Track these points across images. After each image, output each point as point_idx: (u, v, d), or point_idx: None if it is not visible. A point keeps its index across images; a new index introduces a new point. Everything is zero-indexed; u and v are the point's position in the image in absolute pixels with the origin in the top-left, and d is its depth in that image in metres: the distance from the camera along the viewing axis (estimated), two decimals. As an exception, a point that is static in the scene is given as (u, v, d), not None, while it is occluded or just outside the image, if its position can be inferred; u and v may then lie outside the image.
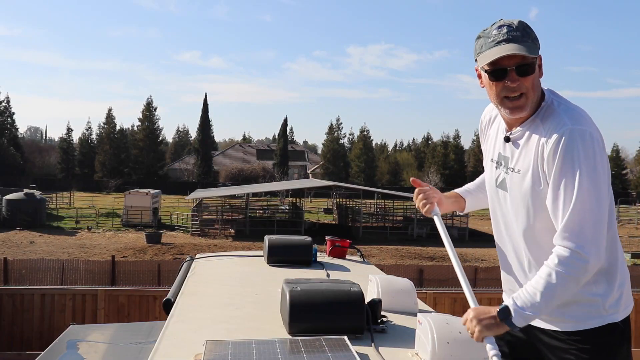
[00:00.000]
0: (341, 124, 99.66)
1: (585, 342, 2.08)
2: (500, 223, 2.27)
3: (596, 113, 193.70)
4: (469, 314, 2.01)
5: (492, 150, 2.28)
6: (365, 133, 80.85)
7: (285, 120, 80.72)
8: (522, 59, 1.99)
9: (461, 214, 2.81)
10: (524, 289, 1.97)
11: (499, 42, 2.00)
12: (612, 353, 2.09)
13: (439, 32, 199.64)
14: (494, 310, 1.97)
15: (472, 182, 2.64)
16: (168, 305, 3.01)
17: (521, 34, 2.00)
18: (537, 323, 2.19)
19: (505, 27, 2.01)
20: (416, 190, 2.48)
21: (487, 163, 2.32)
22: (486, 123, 2.35)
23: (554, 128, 1.97)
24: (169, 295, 3.17)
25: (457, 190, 2.59)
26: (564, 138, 1.94)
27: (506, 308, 1.96)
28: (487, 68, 2.05)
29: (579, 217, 1.91)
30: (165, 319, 2.71)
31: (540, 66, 2.06)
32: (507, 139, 2.15)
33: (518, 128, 2.11)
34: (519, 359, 2.35)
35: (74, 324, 4.97)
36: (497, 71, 2.02)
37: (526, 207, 2.09)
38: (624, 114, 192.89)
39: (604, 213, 1.94)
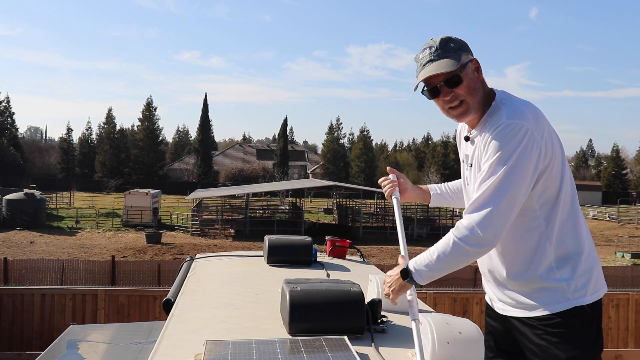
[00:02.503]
0: (341, 124, 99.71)
1: (553, 326, 2.21)
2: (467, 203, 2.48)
3: (596, 113, 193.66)
4: (385, 279, 2.31)
5: (462, 151, 2.48)
6: (365, 133, 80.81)
7: (285, 120, 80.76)
8: (448, 74, 2.22)
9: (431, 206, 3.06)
10: (429, 250, 2.21)
11: (424, 65, 2.25)
12: (580, 335, 2.20)
13: (439, 32, 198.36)
14: (397, 271, 2.23)
15: (449, 183, 2.85)
16: (168, 305, 3.01)
17: (442, 50, 2.23)
18: (511, 312, 2.32)
19: (427, 49, 2.26)
20: (381, 178, 2.78)
21: (462, 163, 2.51)
22: (459, 131, 2.55)
23: (494, 123, 2.18)
24: (169, 295, 3.18)
25: (429, 186, 2.87)
26: (498, 129, 2.14)
27: (406, 270, 2.21)
28: (424, 89, 2.30)
29: (487, 199, 2.11)
30: (165, 319, 2.71)
31: (477, 69, 2.27)
32: (466, 138, 2.38)
33: (475, 129, 2.32)
34: (503, 350, 2.45)
35: (74, 324, 4.96)
36: (431, 90, 2.27)
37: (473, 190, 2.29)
38: (624, 114, 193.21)
39: (513, 201, 2.12)
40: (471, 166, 2.33)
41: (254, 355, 2.02)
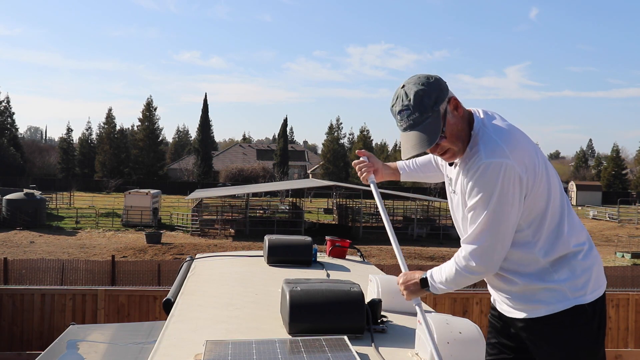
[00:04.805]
0: (341, 124, 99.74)
1: (555, 325, 2.27)
2: (458, 230, 2.53)
3: (596, 113, 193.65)
4: (400, 278, 2.45)
5: (445, 169, 2.53)
6: (365, 133, 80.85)
7: (285, 120, 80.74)
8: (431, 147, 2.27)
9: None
10: (440, 268, 2.37)
11: (404, 130, 2.28)
12: (580, 334, 2.27)
13: (439, 32, 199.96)
14: (417, 277, 2.39)
15: (417, 159, 2.90)
16: (168, 305, 3.01)
17: (419, 113, 2.21)
18: (514, 314, 2.39)
19: (404, 111, 2.24)
20: (354, 161, 2.86)
21: (445, 177, 2.57)
22: None
23: (474, 161, 2.23)
24: (169, 295, 3.18)
25: (398, 163, 2.93)
26: (478, 171, 2.20)
27: (425, 279, 2.38)
28: None
29: (478, 235, 2.24)
30: (165, 319, 2.71)
31: (456, 107, 2.26)
32: (450, 163, 2.43)
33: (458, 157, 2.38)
34: (506, 348, 2.49)
35: (74, 324, 4.96)
36: None
37: (464, 219, 2.38)
38: (624, 114, 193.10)
39: (504, 233, 2.24)
40: (455, 193, 2.41)
41: (254, 355, 2.02)
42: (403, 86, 2.27)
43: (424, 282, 2.37)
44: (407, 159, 2.35)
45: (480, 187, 2.20)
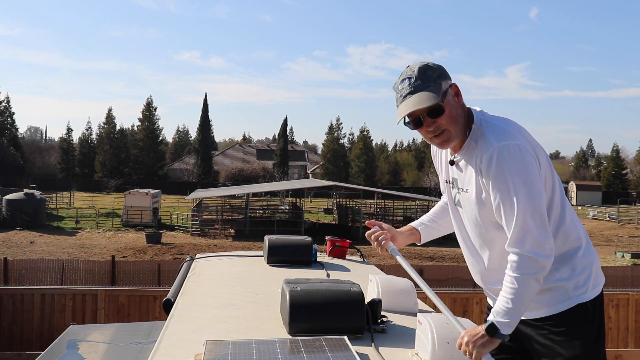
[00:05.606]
0: (341, 124, 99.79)
1: (558, 325, 2.26)
2: (462, 236, 2.48)
3: (596, 113, 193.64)
4: (463, 338, 2.13)
5: (445, 173, 2.48)
6: (365, 133, 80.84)
7: (285, 120, 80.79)
8: (430, 106, 2.19)
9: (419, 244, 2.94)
10: (498, 301, 2.17)
11: (404, 97, 2.21)
12: (583, 332, 2.26)
13: (439, 32, 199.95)
14: (482, 329, 2.13)
15: (429, 213, 2.82)
16: (168, 305, 3.01)
17: (422, 81, 2.19)
18: None
19: (406, 79, 2.22)
20: (367, 232, 2.69)
21: (443, 184, 2.52)
22: (436, 149, 2.52)
23: (485, 149, 2.18)
24: (169, 295, 3.17)
25: (412, 224, 2.79)
26: (494, 157, 2.14)
27: (492, 325, 2.14)
28: (406, 120, 2.28)
29: (522, 227, 2.13)
30: (165, 319, 2.71)
31: (457, 93, 2.25)
32: (451, 162, 2.37)
33: (459, 153, 2.32)
34: (504, 349, 2.44)
35: (74, 324, 4.96)
36: (413, 121, 2.25)
37: (475, 218, 2.33)
38: (624, 114, 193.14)
39: (542, 214, 2.15)
40: (466, 192, 2.32)
41: (254, 355, 2.02)
42: (408, 66, 2.28)
43: (491, 329, 2.13)
44: (401, 118, 2.23)
45: (503, 172, 2.13)
